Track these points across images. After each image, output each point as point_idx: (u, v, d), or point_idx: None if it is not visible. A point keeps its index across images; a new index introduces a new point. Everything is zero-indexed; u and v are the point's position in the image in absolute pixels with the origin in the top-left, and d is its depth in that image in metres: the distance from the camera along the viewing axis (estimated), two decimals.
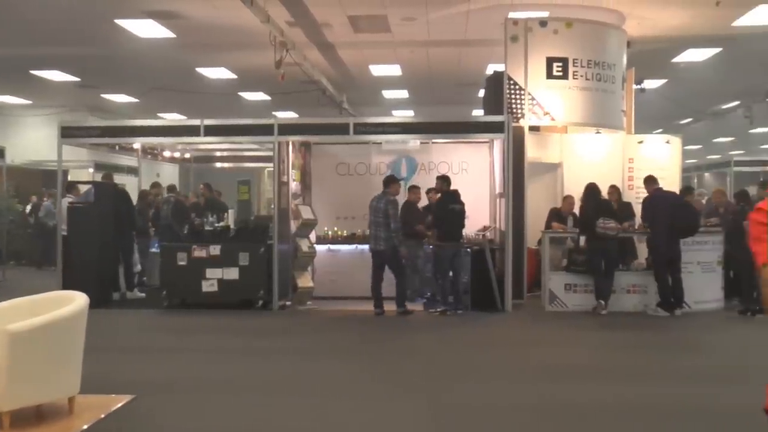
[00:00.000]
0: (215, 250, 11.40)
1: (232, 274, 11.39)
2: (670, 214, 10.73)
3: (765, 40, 15.21)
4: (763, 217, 4.79)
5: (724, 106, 24.20)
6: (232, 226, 12.00)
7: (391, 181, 11.28)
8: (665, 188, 11.59)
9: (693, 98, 21.87)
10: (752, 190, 16.12)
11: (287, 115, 24.09)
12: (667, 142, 13.57)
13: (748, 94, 21.20)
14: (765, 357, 8.36)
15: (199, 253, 11.41)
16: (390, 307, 11.00)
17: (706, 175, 27.63)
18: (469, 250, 11.42)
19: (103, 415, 5.78)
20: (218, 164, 19.38)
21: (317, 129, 12.26)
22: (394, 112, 24.81)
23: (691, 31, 14.75)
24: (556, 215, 12.11)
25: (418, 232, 11.40)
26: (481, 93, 16.20)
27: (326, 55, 16.80)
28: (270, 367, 7.77)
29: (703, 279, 11.42)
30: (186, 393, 6.69)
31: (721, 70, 18.53)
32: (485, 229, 12.11)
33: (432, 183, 11.94)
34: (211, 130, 11.98)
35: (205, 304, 11.35)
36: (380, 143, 12.82)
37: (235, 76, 18.86)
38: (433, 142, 12.94)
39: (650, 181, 11.40)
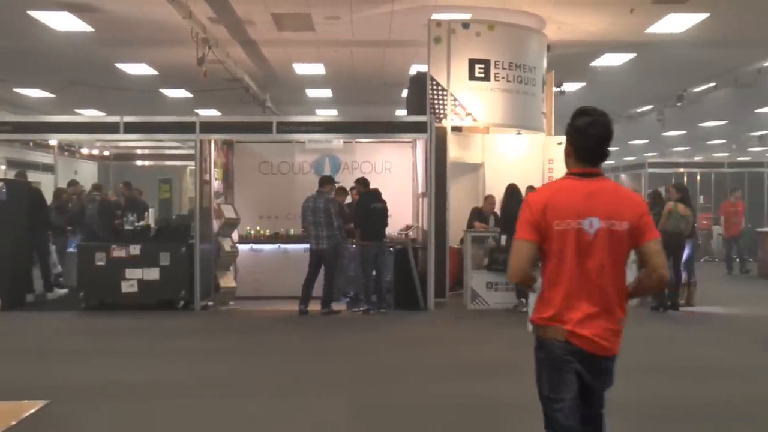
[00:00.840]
0: (135, 249, 11.18)
1: (152, 274, 11.19)
2: None
3: (675, 47, 15.77)
4: None
5: (639, 110, 24.95)
6: (152, 226, 11.78)
7: (326, 181, 11.27)
8: None
9: (610, 101, 22.38)
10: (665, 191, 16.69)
11: (210, 113, 23.73)
12: None
13: (661, 98, 21.92)
14: (677, 351, 8.66)
15: (118, 252, 11.17)
16: (315, 306, 10.99)
17: (623, 175, 28.40)
18: (392, 249, 11.49)
19: (14, 422, 5.60)
20: (139, 162, 18.95)
21: (240, 127, 12.14)
22: (317, 111, 24.74)
23: (608, 36, 15.16)
24: (478, 215, 12.29)
25: (348, 231, 11.42)
26: (405, 93, 16.31)
27: (249, 52, 16.65)
28: (191, 369, 7.66)
29: None
30: (103, 398, 6.52)
31: (636, 75, 19.10)
32: (408, 228, 12.21)
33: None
34: (131, 127, 11.75)
35: (125, 305, 11.13)
36: (304, 142, 12.79)
37: (156, 73, 18.50)
38: (356, 142, 12.99)
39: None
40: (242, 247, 12.32)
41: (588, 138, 3.45)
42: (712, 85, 19.70)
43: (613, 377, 3.52)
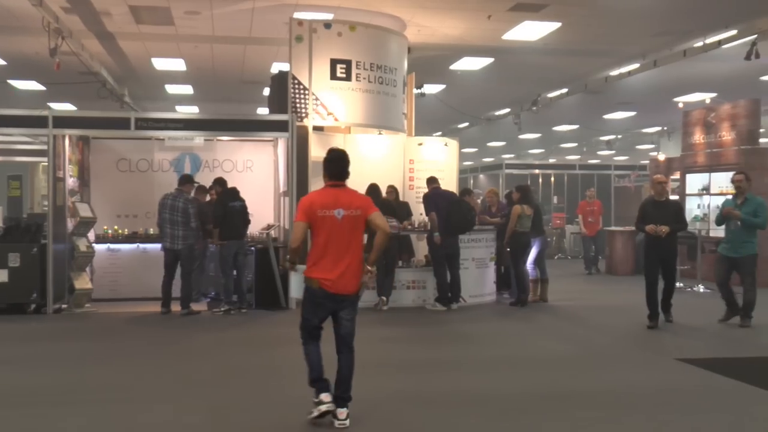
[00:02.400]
0: None
1: (0, 276, 10.65)
2: (447, 212, 11.34)
3: (530, 53, 16.44)
4: None
5: (497, 113, 25.80)
6: (0, 225, 11.19)
7: (187, 181, 11.09)
8: (443, 188, 12.21)
9: (468, 104, 23.13)
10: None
11: (64, 107, 22.75)
12: (446, 144, 14.28)
13: (517, 102, 22.78)
14: (533, 345, 9.05)
15: None
16: (177, 307, 10.79)
17: (481, 176, 29.37)
18: (253, 248, 11.42)
19: None
20: None
21: (96, 123, 11.68)
22: (178, 108, 24.20)
23: (467, 41, 15.62)
24: None
25: (208, 231, 11.26)
26: (266, 91, 16.21)
27: (106, 45, 16.08)
28: (42, 375, 7.33)
29: (477, 274, 12.17)
30: None
31: (494, 79, 19.76)
32: (269, 227, 12.15)
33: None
34: None
35: None
36: (163, 139, 12.48)
37: (4, 62, 17.55)
38: (217, 140, 12.81)
39: (431, 180, 11.98)
40: (99, 247, 11.91)
41: (335, 167, 5.78)
42: (564, 90, 20.66)
43: (356, 308, 5.71)
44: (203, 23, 14.18)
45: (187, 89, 21.86)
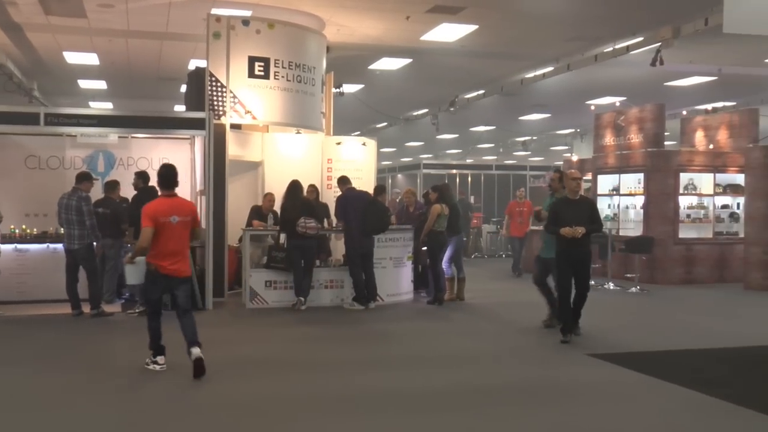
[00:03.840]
0: None
1: None
2: (362, 212, 11.39)
3: (448, 54, 16.66)
4: None
5: (415, 113, 26.03)
6: None
7: (84, 178, 10.76)
8: (362, 188, 12.27)
9: (387, 104, 23.27)
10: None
11: None
12: (364, 144, 14.34)
13: (435, 102, 23.02)
14: (449, 343, 9.16)
15: None
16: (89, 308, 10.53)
17: (399, 176, 29.56)
18: None
19: None
20: None
21: (2, 118, 11.20)
22: (91, 104, 23.56)
23: (385, 41, 15.72)
24: (257, 213, 12.32)
25: (123, 230, 11.01)
26: (183, 88, 15.96)
27: (12, 37, 15.51)
28: None
29: (395, 273, 12.26)
30: None
31: (412, 80, 19.94)
32: None
33: (132, 178, 11.55)
34: None
35: None
36: (75, 136, 12.13)
37: None
38: (132, 137, 12.52)
39: (343, 181, 12.01)
40: (5, 248, 11.48)
41: (167, 180, 7.37)
42: (481, 92, 21.00)
43: (189, 286, 7.44)
44: (117, 17, 13.85)
45: (101, 84, 21.33)
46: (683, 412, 6.19)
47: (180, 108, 18.54)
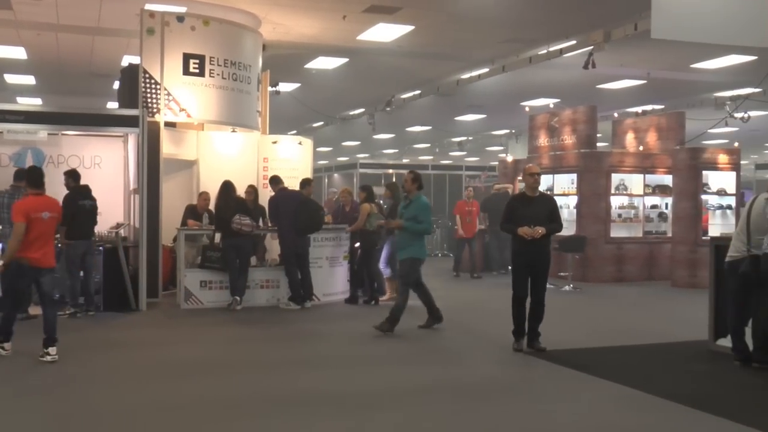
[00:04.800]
0: None
1: None
2: (295, 212, 11.34)
3: (384, 54, 16.71)
4: None
5: (352, 113, 26.02)
6: None
7: (21, 176, 10.44)
8: (297, 187, 12.20)
9: (323, 103, 23.21)
10: (378, 190, 17.41)
11: None
12: (300, 143, 14.27)
13: (372, 102, 23.07)
14: (385, 343, 9.18)
15: None
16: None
17: (336, 175, 29.52)
18: (101, 248, 10.99)
19: None
20: None
21: None
22: (19, 99, 22.88)
23: (322, 40, 15.68)
24: (192, 212, 12.16)
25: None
26: (116, 85, 15.64)
27: None
28: None
29: (330, 273, 12.24)
30: None
31: (349, 79, 19.93)
32: (119, 226, 11.72)
33: (62, 177, 11.26)
34: None
35: None
36: (2, 132, 11.76)
37: None
38: (63, 134, 12.21)
39: (275, 181, 11.95)
40: None
41: (35, 180, 8.01)
42: (417, 92, 21.11)
43: (52, 280, 7.97)
44: (46, 10, 13.48)
45: (29, 79, 20.73)
46: (615, 408, 6.33)
47: (113, 105, 18.17)
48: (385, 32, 14.80)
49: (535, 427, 5.81)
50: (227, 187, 11.30)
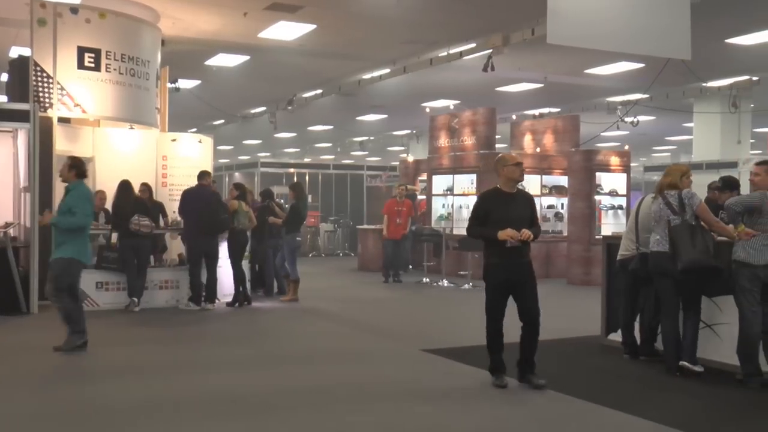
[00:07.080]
0: None
1: None
2: (201, 211, 11.15)
3: (286, 53, 16.63)
4: None
5: (253, 111, 25.78)
6: None
7: None
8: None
9: (224, 101, 22.90)
10: (277, 190, 17.25)
11: None
12: (200, 141, 14.01)
13: (273, 100, 22.90)
14: (287, 343, 9.14)
15: None
16: None
17: (237, 174, 29.17)
18: None
19: None
20: None
21: None
22: None
23: (222, 37, 15.47)
24: None
25: None
26: (5, 78, 14.99)
27: None
28: None
29: (230, 273, 12.05)
30: None
31: (250, 77, 19.74)
32: (8, 225, 11.25)
33: None
34: None
35: None
36: None
37: None
38: None
39: (200, 176, 11.58)
40: None
41: None
42: (319, 92, 21.09)
43: None
44: None
45: None
46: (514, 404, 6.48)
47: (2, 99, 17.42)
48: (287, 31, 14.73)
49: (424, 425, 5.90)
50: (126, 187, 11.05)
